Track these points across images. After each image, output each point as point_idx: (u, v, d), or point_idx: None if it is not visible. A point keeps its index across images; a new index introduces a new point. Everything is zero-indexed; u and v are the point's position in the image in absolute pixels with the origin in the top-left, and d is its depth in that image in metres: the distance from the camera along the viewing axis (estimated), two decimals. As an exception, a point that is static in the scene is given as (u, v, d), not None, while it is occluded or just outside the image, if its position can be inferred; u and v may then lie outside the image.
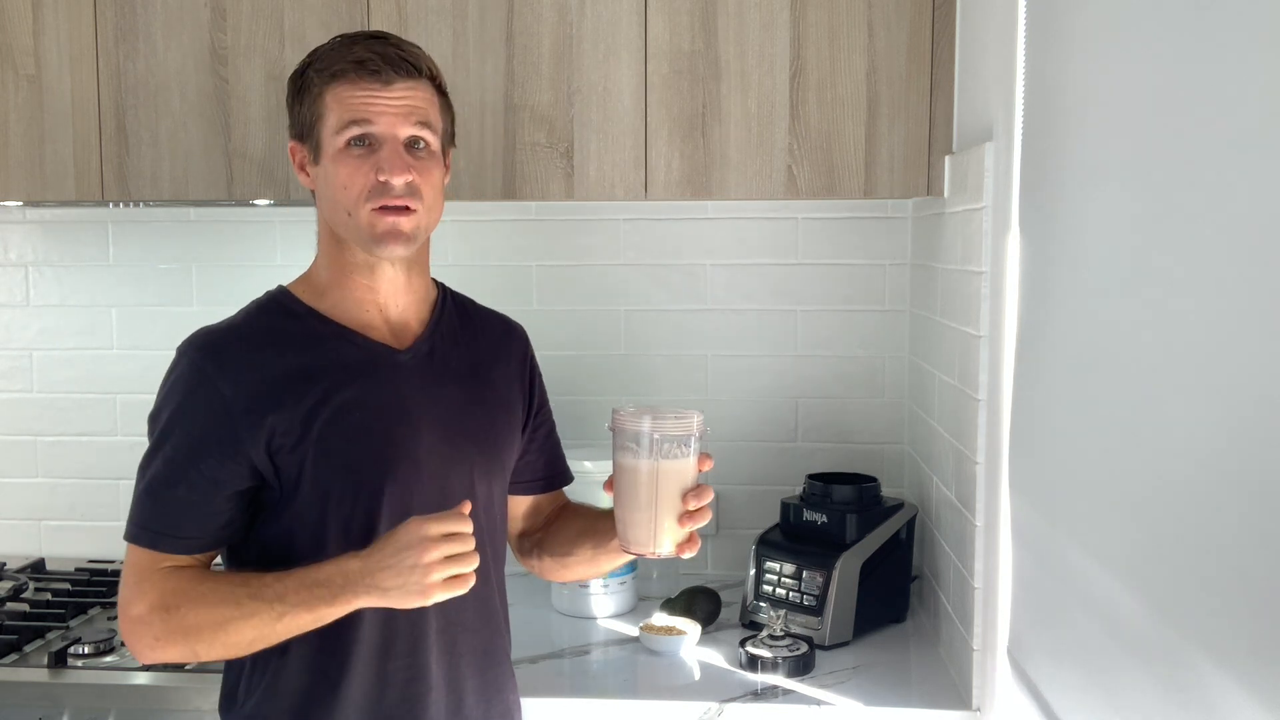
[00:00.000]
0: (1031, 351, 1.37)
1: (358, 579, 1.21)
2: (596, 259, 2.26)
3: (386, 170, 1.29)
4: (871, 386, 2.24)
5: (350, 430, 1.30)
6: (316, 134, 1.33)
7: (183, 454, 1.28)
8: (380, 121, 1.30)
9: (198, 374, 1.29)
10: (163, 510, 1.29)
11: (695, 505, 1.29)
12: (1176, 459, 0.93)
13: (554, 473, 1.58)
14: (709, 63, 1.85)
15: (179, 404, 1.29)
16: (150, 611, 1.26)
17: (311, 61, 1.35)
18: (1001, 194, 1.51)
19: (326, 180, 1.32)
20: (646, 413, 1.29)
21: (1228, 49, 0.86)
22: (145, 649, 1.27)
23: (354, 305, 1.37)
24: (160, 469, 1.29)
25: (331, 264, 1.37)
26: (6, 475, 2.38)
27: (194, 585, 1.27)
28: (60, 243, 2.34)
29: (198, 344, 1.32)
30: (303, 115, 1.34)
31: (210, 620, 1.24)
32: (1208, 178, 0.89)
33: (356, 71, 1.30)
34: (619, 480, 1.31)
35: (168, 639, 1.26)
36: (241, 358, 1.30)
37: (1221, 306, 0.85)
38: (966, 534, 1.65)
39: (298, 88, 1.35)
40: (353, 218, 1.31)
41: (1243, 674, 0.82)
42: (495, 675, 1.44)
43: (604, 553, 1.43)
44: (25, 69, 1.93)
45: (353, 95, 1.30)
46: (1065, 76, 1.26)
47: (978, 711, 1.61)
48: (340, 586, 1.21)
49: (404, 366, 1.37)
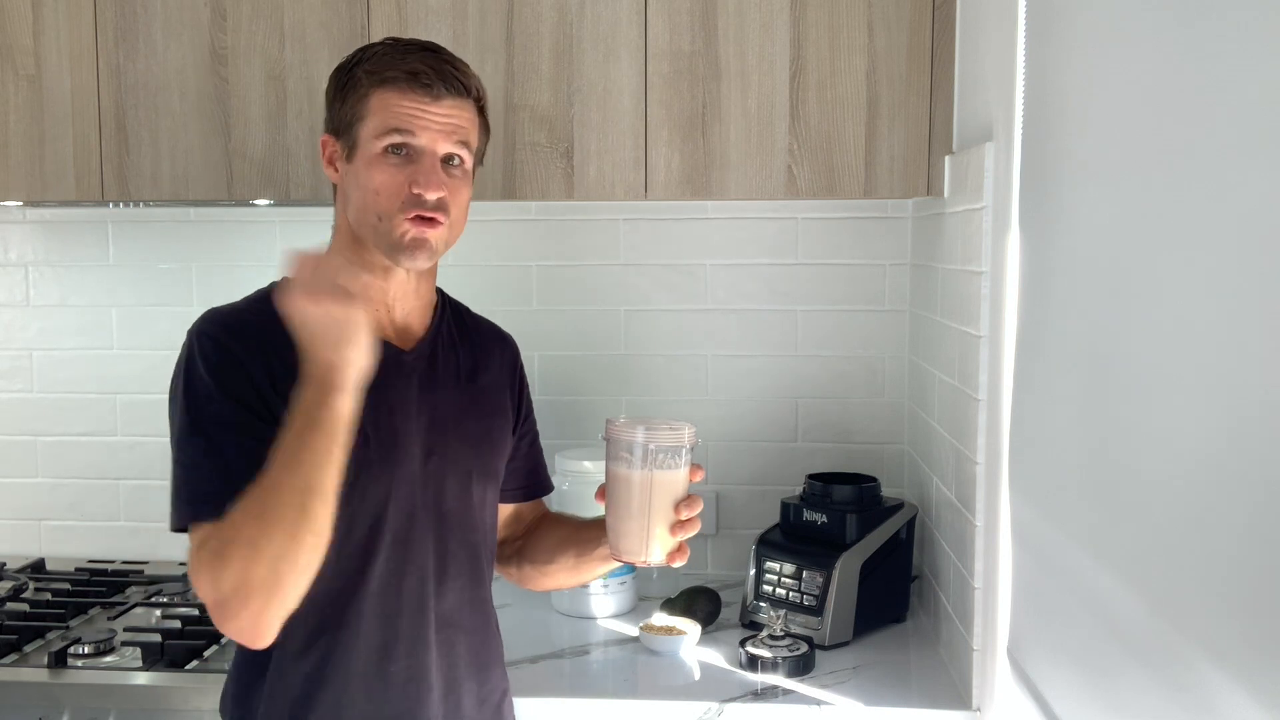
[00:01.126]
0: (1031, 351, 1.37)
1: (314, 373, 1.17)
2: (596, 259, 2.26)
3: (422, 184, 1.29)
4: (871, 386, 2.24)
5: (361, 428, 1.30)
6: (354, 133, 1.32)
7: (220, 423, 1.24)
8: (422, 135, 1.30)
9: (221, 349, 1.27)
10: (219, 479, 1.20)
11: (687, 515, 1.30)
12: (1176, 459, 0.93)
13: (535, 481, 1.59)
14: (709, 63, 1.85)
15: (207, 377, 1.25)
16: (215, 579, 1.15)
17: (361, 60, 1.34)
18: (1001, 194, 1.51)
19: (358, 181, 1.32)
20: (640, 423, 1.30)
21: (1228, 49, 0.86)
22: (240, 614, 1.15)
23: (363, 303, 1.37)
24: (202, 443, 1.23)
25: (346, 261, 1.37)
26: (6, 475, 2.38)
27: (233, 514, 1.17)
28: (60, 243, 2.34)
29: (216, 321, 1.30)
30: (344, 112, 1.34)
31: (250, 523, 1.14)
32: (1208, 177, 0.89)
33: (408, 81, 1.29)
34: (612, 489, 1.32)
35: (242, 583, 1.13)
36: (259, 338, 1.28)
37: (1221, 306, 0.85)
38: (966, 534, 1.65)
39: (342, 83, 1.35)
40: (382, 222, 1.31)
41: (1243, 674, 0.82)
42: (491, 676, 1.45)
43: (587, 561, 1.43)
44: (25, 69, 1.93)
45: (400, 104, 1.29)
46: (1065, 76, 1.26)
47: (978, 711, 1.61)
48: (312, 391, 1.17)
49: (408, 367, 1.37)
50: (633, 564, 1.33)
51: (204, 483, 1.22)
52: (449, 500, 1.37)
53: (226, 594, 1.15)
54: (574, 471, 2.02)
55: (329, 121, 1.38)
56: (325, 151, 1.38)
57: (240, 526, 1.15)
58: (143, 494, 2.35)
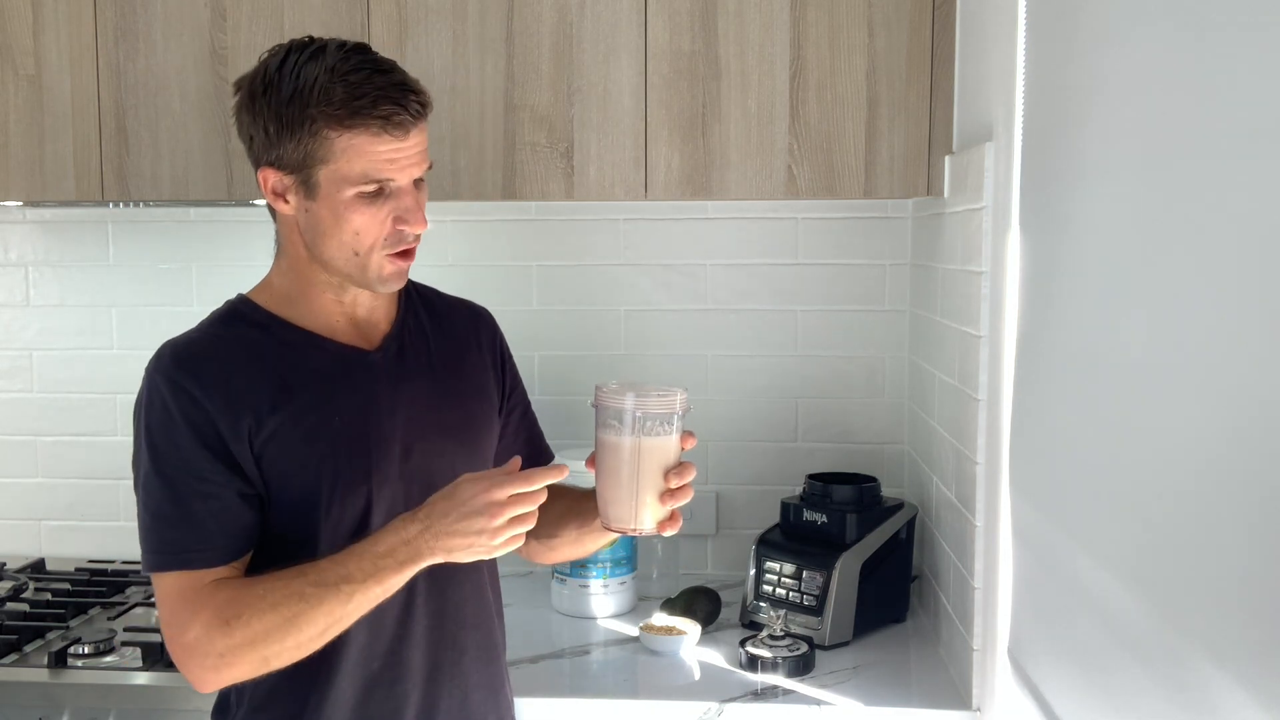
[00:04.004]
0: (1031, 351, 1.37)
1: (422, 544, 1.19)
2: (596, 259, 2.26)
3: (410, 221, 1.28)
4: (871, 386, 2.24)
5: (330, 436, 1.30)
6: (315, 175, 1.26)
7: (184, 470, 1.24)
8: (401, 175, 1.28)
9: (177, 391, 1.25)
10: (183, 529, 1.24)
11: (677, 483, 1.27)
12: (1177, 459, 0.93)
13: (533, 452, 1.57)
14: (709, 63, 1.85)
15: (165, 423, 1.25)
16: (207, 630, 1.20)
17: (301, 89, 1.23)
18: (1001, 194, 1.51)
19: (328, 222, 1.28)
20: (630, 389, 1.26)
21: (1228, 48, 0.86)
22: (209, 672, 1.21)
23: (321, 312, 1.35)
24: (166, 491, 1.25)
25: (299, 278, 1.35)
26: (6, 475, 2.38)
27: (248, 591, 1.22)
28: (60, 243, 2.34)
29: (171, 360, 1.28)
30: (295, 151, 1.25)
31: (278, 621, 1.19)
32: (1208, 177, 0.89)
33: (381, 126, 1.23)
34: (601, 457, 1.29)
35: (234, 654, 1.20)
36: (217, 371, 1.27)
37: (1222, 306, 0.85)
38: (966, 534, 1.65)
39: (282, 117, 1.24)
40: (360, 257, 1.29)
41: (1243, 674, 0.82)
42: (494, 671, 1.45)
43: (588, 533, 1.41)
44: (25, 69, 1.93)
45: (375, 151, 1.24)
46: (1065, 76, 1.26)
47: (978, 711, 1.61)
48: (405, 555, 1.20)
49: (376, 366, 1.36)
50: (624, 533, 1.30)
51: (170, 531, 1.25)
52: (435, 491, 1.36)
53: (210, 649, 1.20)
54: (575, 470, 2.01)
55: (264, 153, 1.28)
56: (267, 185, 1.29)
57: (262, 615, 1.20)
58: (143, 494, 2.35)
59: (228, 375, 1.27)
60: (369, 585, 1.20)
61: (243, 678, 1.23)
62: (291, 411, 1.28)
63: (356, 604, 1.21)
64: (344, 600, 1.20)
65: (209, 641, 1.20)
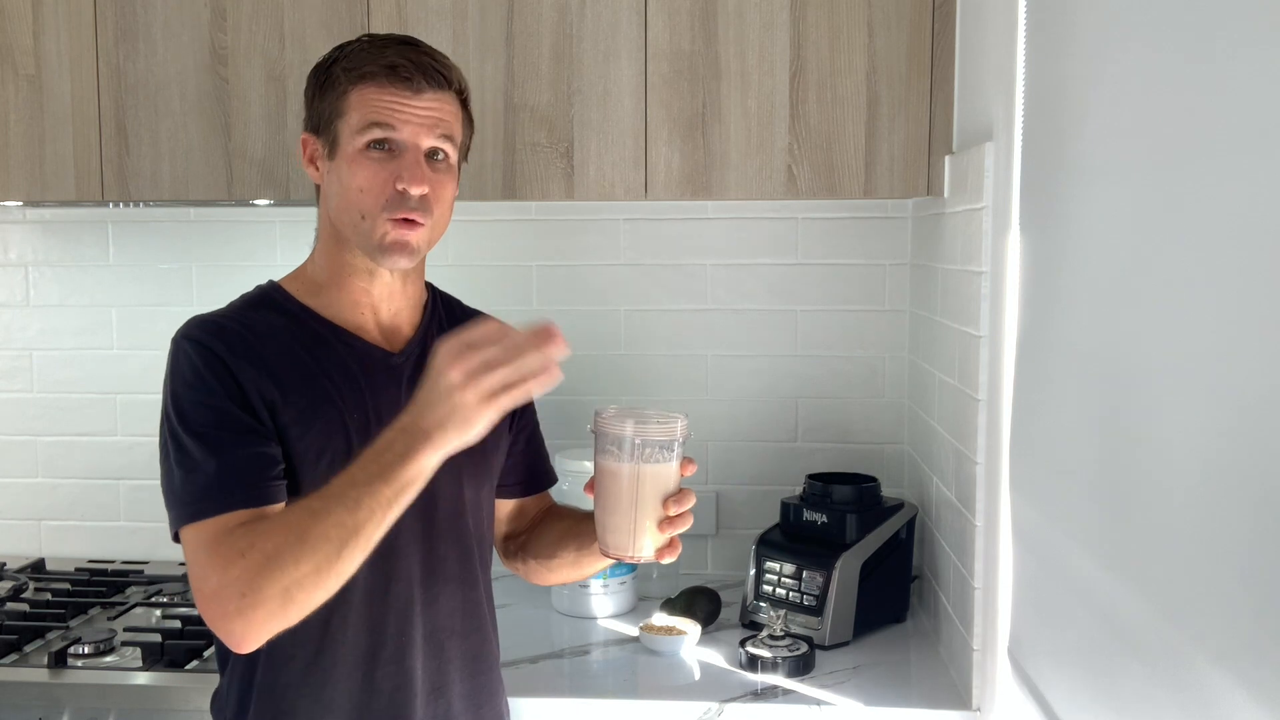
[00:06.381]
0: (1031, 351, 1.37)
1: (413, 429, 1.12)
2: (596, 259, 2.26)
3: (406, 179, 1.28)
4: (871, 386, 2.24)
5: (347, 434, 1.30)
6: (334, 130, 1.31)
7: (212, 425, 1.23)
8: (404, 129, 1.29)
9: (204, 351, 1.25)
10: (209, 475, 1.20)
11: (676, 510, 1.26)
12: (1177, 458, 0.93)
13: (537, 475, 1.57)
14: (709, 63, 1.85)
15: (193, 382, 1.24)
16: (225, 569, 1.14)
17: (339, 58, 1.33)
18: (1001, 194, 1.51)
19: (340, 180, 1.31)
20: (629, 416, 1.25)
21: (1228, 48, 0.86)
22: (234, 620, 1.13)
23: (349, 306, 1.36)
24: (195, 444, 1.22)
25: (330, 263, 1.37)
26: (6, 475, 2.38)
27: (260, 523, 1.17)
28: (60, 243, 2.34)
29: (199, 326, 1.29)
30: (322, 109, 1.33)
31: (289, 539, 1.12)
32: (1208, 177, 0.89)
33: (387, 76, 1.28)
34: (600, 483, 1.28)
35: (254, 590, 1.12)
36: (246, 346, 1.28)
37: (1222, 306, 0.85)
38: (966, 534, 1.65)
39: (320, 81, 1.34)
40: (365, 221, 1.30)
41: (1243, 674, 0.82)
42: (484, 681, 1.43)
43: (586, 555, 1.40)
44: (25, 69, 1.93)
45: (379, 98, 1.28)
46: (1065, 76, 1.26)
47: (978, 711, 1.61)
48: (403, 443, 1.12)
49: (397, 370, 1.36)
50: (621, 559, 1.28)
51: (195, 482, 1.21)
52: (439, 504, 1.35)
53: (231, 591, 1.13)
54: (574, 471, 2.01)
55: (308, 120, 1.36)
56: (305, 150, 1.37)
57: (271, 536, 1.14)
58: (143, 494, 2.35)
59: (257, 355, 1.27)
60: (375, 485, 1.12)
61: (272, 623, 1.14)
62: (312, 399, 1.28)
63: (367, 510, 1.12)
64: (352, 507, 1.12)
65: (228, 581, 1.13)
